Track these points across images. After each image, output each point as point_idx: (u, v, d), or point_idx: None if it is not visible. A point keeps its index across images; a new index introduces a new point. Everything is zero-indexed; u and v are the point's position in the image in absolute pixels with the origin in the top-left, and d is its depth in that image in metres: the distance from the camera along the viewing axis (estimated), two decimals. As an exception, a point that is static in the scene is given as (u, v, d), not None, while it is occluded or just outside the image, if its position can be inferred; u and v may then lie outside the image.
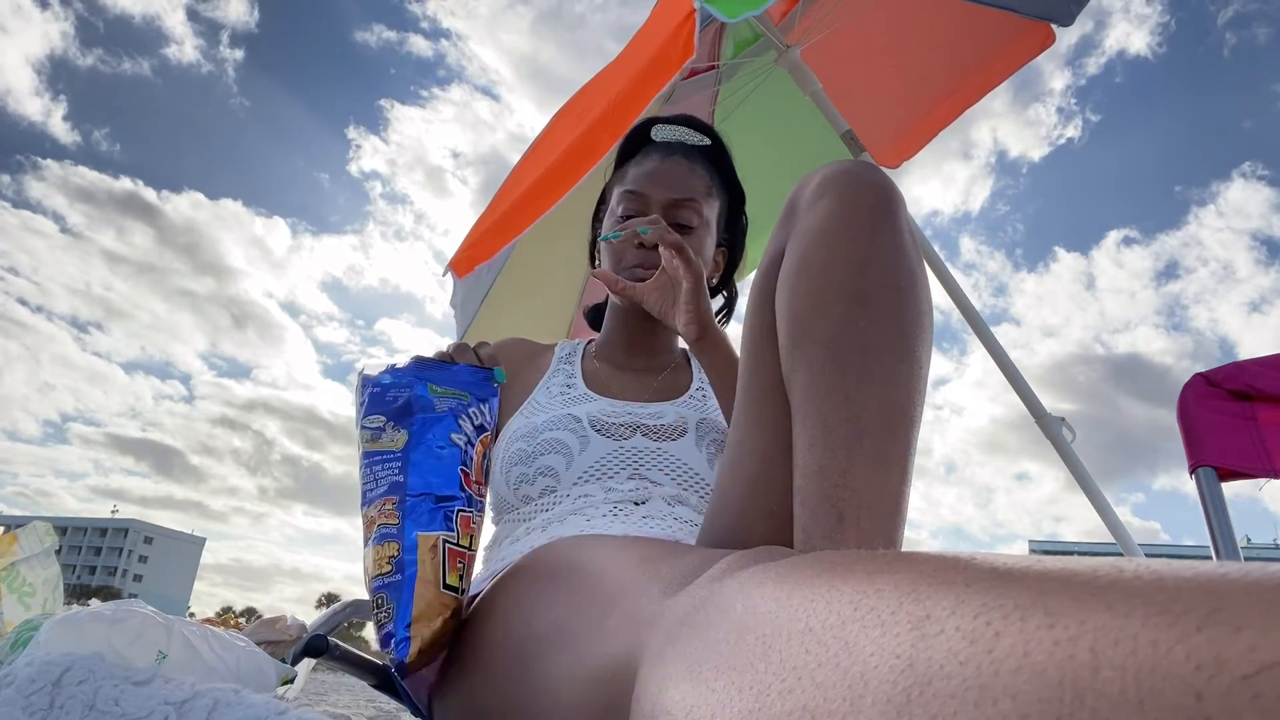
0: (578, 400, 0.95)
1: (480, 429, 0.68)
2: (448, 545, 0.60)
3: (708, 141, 1.03)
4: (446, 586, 0.59)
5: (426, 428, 0.64)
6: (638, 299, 0.93)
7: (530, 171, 1.64)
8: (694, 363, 1.07)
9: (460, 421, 0.66)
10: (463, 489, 0.63)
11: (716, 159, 1.04)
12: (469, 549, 0.62)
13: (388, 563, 0.59)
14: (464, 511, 0.63)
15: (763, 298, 0.67)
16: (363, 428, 0.66)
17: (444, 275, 1.79)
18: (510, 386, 1.01)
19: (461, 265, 1.66)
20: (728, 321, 1.15)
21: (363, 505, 0.64)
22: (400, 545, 0.59)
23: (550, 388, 0.98)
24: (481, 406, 0.70)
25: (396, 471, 0.62)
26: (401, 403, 0.65)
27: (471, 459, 0.66)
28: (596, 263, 1.10)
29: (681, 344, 1.11)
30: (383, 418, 0.65)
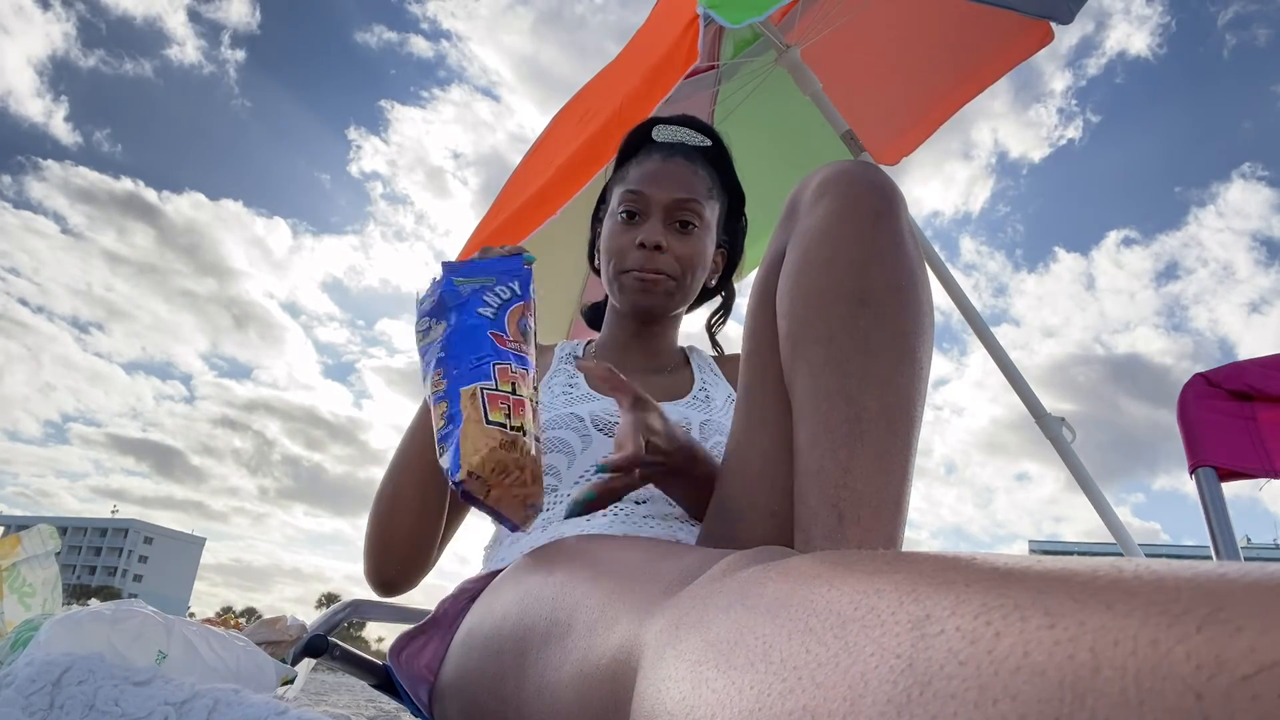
0: (580, 399, 0.95)
1: (510, 300, 0.76)
2: (485, 392, 0.68)
3: (709, 142, 1.03)
4: (490, 422, 0.66)
5: (458, 312, 0.74)
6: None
7: (533, 176, 1.64)
8: (694, 362, 1.07)
9: (485, 298, 0.75)
10: (494, 347, 0.71)
11: (717, 160, 1.04)
12: (512, 393, 0.69)
13: (442, 418, 0.68)
14: (499, 363, 0.70)
15: (764, 298, 0.67)
16: (416, 333, 0.76)
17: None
18: None
19: (463, 266, 1.66)
20: (724, 322, 1.15)
21: (423, 388, 0.73)
22: (448, 402, 0.68)
23: (552, 387, 0.98)
24: (510, 284, 0.78)
25: (440, 350, 0.71)
26: (434, 302, 0.75)
27: (503, 322, 0.74)
28: (595, 263, 1.10)
29: (681, 344, 1.11)
30: (427, 319, 0.75)
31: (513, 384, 0.69)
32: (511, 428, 0.67)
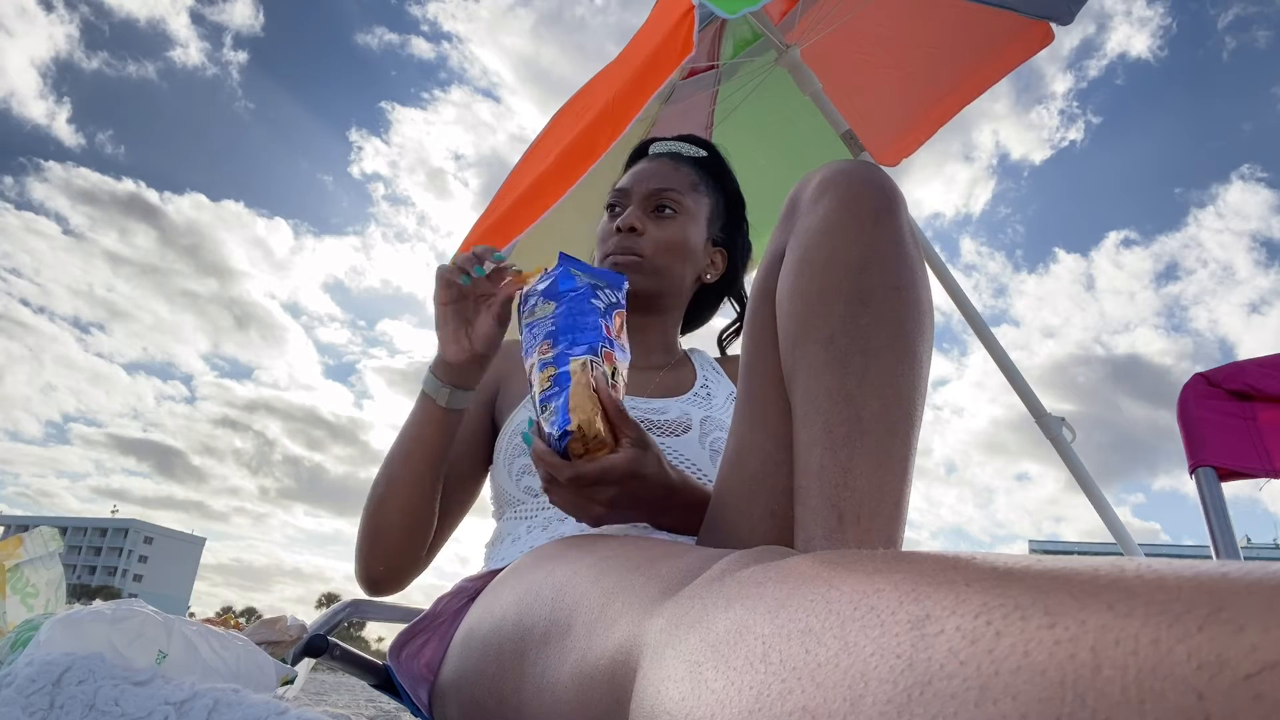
0: None
1: (614, 305, 0.80)
2: (593, 364, 0.72)
3: (703, 154, 1.06)
4: (594, 390, 0.70)
5: (573, 297, 0.78)
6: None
7: (529, 171, 1.63)
8: (695, 360, 1.07)
9: (598, 294, 0.79)
10: (603, 334, 0.75)
11: (711, 167, 1.06)
12: (611, 378, 0.73)
13: (548, 381, 0.71)
14: (605, 347, 0.74)
15: (763, 297, 0.67)
16: (519, 310, 0.80)
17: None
18: (507, 388, 1.01)
19: (461, 265, 1.66)
20: (737, 337, 1.14)
21: (525, 358, 0.76)
22: (555, 366, 0.71)
23: None
24: (616, 293, 0.82)
25: (550, 324, 0.75)
26: (548, 284, 0.79)
27: (610, 317, 0.78)
28: None
29: (683, 343, 1.11)
30: (535, 297, 0.78)
31: (614, 369, 0.74)
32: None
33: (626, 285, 0.83)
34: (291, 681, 0.69)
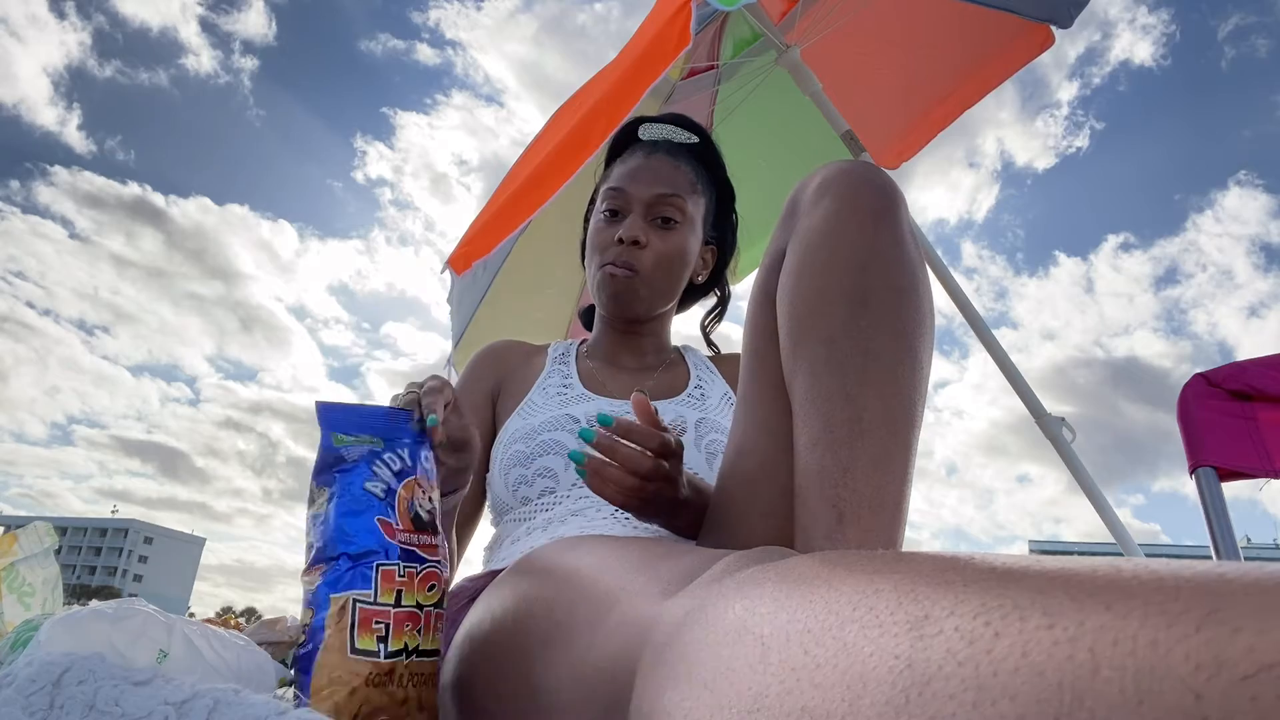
0: (575, 400, 0.94)
1: (401, 474, 0.63)
2: (359, 605, 0.56)
3: (695, 139, 1.02)
4: (357, 651, 0.55)
5: (343, 484, 0.61)
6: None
7: (526, 166, 1.64)
8: (689, 360, 1.06)
9: (374, 468, 0.62)
10: (383, 541, 0.59)
11: (704, 156, 1.02)
12: (395, 605, 0.58)
13: (302, 631, 0.57)
14: (385, 565, 0.58)
15: (764, 298, 0.67)
16: (308, 500, 0.64)
17: (442, 273, 1.79)
18: (506, 389, 1.01)
19: (459, 262, 1.66)
20: (719, 321, 1.13)
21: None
22: (314, 612, 0.56)
23: (546, 389, 0.98)
24: (399, 450, 0.64)
25: (320, 533, 0.59)
26: (318, 460, 0.62)
27: (394, 507, 0.61)
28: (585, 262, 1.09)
29: (677, 344, 1.10)
30: (312, 481, 0.62)
31: (397, 593, 0.58)
32: (389, 653, 0.56)
33: (416, 425, 0.67)
34: (291, 683, 0.69)
